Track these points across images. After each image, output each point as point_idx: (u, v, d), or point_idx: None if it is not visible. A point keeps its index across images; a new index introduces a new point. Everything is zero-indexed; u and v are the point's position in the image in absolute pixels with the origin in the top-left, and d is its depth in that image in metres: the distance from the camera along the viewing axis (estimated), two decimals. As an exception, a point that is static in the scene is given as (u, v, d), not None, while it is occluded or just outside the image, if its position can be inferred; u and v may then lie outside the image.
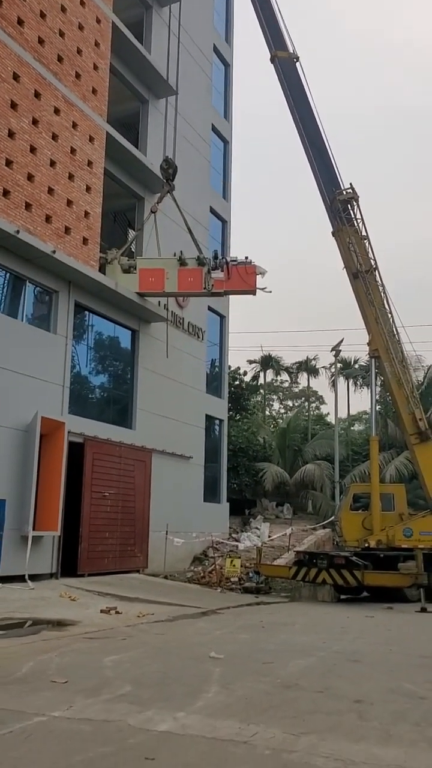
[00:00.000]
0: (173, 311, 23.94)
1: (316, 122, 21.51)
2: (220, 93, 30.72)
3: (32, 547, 16.27)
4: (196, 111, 27.19)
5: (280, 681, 8.21)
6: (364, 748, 5.66)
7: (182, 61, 24.81)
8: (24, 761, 5.19)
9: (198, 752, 5.49)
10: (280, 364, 55.34)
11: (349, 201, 21.14)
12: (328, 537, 28.80)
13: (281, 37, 22.14)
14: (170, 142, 22.84)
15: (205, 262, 20.78)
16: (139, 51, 22.69)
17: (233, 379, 37.53)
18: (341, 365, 44.06)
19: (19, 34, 17.20)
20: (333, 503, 33.31)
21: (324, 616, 15.88)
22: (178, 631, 12.72)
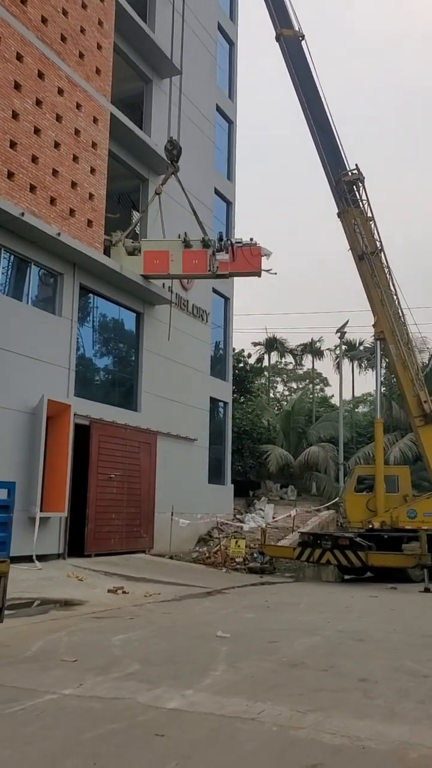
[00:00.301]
0: (177, 293, 23.94)
1: (321, 102, 21.34)
2: (225, 72, 30.47)
3: (40, 528, 16.44)
4: (201, 91, 26.99)
5: (286, 659, 8.33)
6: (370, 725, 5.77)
7: (186, 40, 24.56)
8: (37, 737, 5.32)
9: (206, 729, 5.61)
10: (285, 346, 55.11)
11: (354, 182, 21.03)
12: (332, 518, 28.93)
13: (287, 14, 21.89)
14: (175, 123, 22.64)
15: (210, 244, 20.73)
16: (143, 30, 22.52)
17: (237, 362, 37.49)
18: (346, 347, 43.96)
19: (23, 14, 17.08)
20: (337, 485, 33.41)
21: (328, 596, 16.02)
22: (185, 610, 12.88)
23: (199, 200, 23.73)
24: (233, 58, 31.22)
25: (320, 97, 21.29)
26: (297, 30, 21.60)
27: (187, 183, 22.12)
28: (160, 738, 5.29)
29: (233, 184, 30.62)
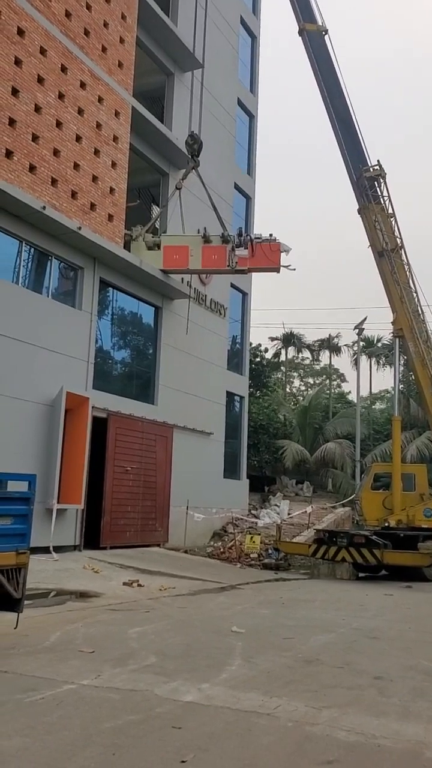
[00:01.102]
0: (196, 288, 23.95)
1: (344, 97, 21.20)
2: (247, 66, 30.34)
3: (57, 519, 16.54)
4: (222, 85, 26.92)
5: (302, 656, 8.36)
6: (384, 723, 5.80)
7: (208, 33, 24.49)
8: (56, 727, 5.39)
9: (223, 723, 5.65)
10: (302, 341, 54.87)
11: (375, 178, 20.91)
12: (347, 516, 28.86)
13: (310, 8, 21.73)
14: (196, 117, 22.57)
15: (229, 240, 20.70)
16: (166, 23, 22.47)
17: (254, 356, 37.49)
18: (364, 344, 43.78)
19: (47, 8, 17.12)
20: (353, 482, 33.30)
21: (343, 594, 15.98)
22: (200, 605, 12.90)
23: (218, 195, 23.69)
24: (255, 52, 31.04)
25: (343, 92, 21.16)
26: (320, 24, 21.44)
27: (207, 178, 22.10)
28: (177, 730, 5.34)
29: (253, 178, 30.54)
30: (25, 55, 16.33)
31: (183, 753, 4.87)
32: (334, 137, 21.51)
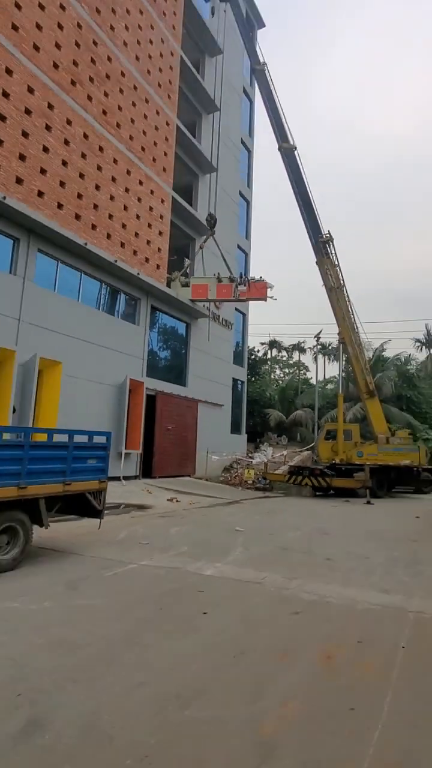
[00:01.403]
0: (212, 311, 23.79)
1: (308, 191, 20.73)
2: (245, 170, 29.82)
3: (124, 459, 16.65)
4: (229, 182, 26.55)
5: (280, 545, 8.42)
6: (332, 588, 5.85)
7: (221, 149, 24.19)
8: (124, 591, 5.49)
9: (230, 588, 5.73)
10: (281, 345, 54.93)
11: (327, 243, 20.59)
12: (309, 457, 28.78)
13: (284, 131, 21.29)
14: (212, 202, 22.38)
15: (234, 280, 20.56)
16: (193, 143, 22.20)
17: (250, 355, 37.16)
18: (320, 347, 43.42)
19: (117, 132, 16.96)
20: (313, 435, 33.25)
21: (306, 506, 16.02)
22: (215, 513, 12.99)
23: (227, 252, 23.40)
24: (251, 161, 30.42)
25: (307, 188, 20.69)
26: (291, 143, 20.98)
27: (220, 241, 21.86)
28: (201, 593, 5.42)
29: (249, 241, 30.11)
30: (103, 164, 16.21)
31: (204, 607, 4.95)
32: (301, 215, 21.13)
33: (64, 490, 6.79)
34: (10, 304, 13.06)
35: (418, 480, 21.22)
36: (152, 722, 2.97)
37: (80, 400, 15.03)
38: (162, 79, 19.83)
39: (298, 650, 4.05)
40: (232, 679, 3.52)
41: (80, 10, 15.49)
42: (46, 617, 4.52)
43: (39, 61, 13.86)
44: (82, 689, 3.30)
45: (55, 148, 14.32)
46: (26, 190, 13.32)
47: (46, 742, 2.75)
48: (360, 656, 3.99)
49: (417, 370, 40.24)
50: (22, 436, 6.64)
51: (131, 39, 17.99)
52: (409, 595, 5.65)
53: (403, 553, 8.11)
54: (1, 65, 12.70)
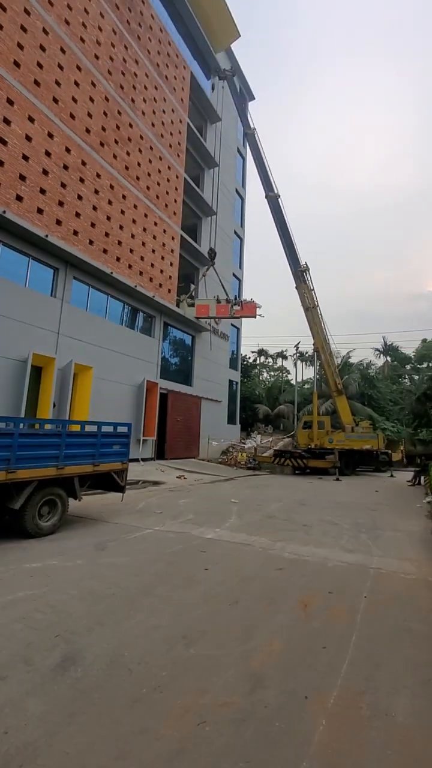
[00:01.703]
0: (212, 326, 23.73)
1: (289, 232, 20.64)
2: (239, 213, 29.72)
3: (142, 445, 16.58)
4: (226, 222, 26.47)
5: (266, 514, 8.37)
6: (308, 549, 5.79)
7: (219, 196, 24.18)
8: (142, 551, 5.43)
9: (227, 548, 5.68)
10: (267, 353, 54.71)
11: (304, 272, 20.53)
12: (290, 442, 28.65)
13: (270, 183, 21.21)
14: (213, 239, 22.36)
15: (230, 301, 20.48)
16: (197, 192, 22.11)
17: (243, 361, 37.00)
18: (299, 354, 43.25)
19: (137, 184, 16.91)
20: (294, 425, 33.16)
21: (288, 482, 15.98)
22: (215, 487, 12.95)
23: (224, 278, 23.31)
24: (243, 206, 30.32)
25: (288, 230, 20.60)
26: (276, 192, 20.91)
27: (219, 270, 21.80)
28: (203, 553, 5.39)
29: (242, 270, 30.08)
30: (125, 209, 16.16)
31: (206, 564, 4.92)
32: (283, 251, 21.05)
33: (93, 470, 6.76)
34: (51, 321, 13.03)
35: (377, 461, 21.20)
36: (164, 658, 2.94)
37: (107, 398, 14.99)
38: (173, 141, 19.78)
39: (281, 599, 4.02)
40: (228, 623, 3.50)
41: (107, 86, 15.46)
42: (79, 572, 4.49)
43: (74, 126, 13.82)
44: (108, 631, 3.28)
45: (87, 196, 14.28)
46: (64, 229, 13.29)
47: (78, 674, 2.72)
48: (331, 604, 3.96)
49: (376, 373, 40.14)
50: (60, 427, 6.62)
51: (148, 109, 17.96)
52: (370, 554, 5.62)
53: (365, 520, 8.07)
54: (44, 130, 12.67)
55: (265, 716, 2.41)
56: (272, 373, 57.65)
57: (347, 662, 2.97)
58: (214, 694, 2.58)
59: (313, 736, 2.28)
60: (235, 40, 25.63)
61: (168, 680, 2.69)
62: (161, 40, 19.19)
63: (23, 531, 5.74)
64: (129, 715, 2.38)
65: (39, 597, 3.82)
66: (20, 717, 2.34)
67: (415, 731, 2.34)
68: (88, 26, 14.70)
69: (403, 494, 13.08)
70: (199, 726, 2.31)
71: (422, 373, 37.30)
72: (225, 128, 26.44)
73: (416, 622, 3.63)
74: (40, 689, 2.57)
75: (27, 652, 2.95)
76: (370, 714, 2.46)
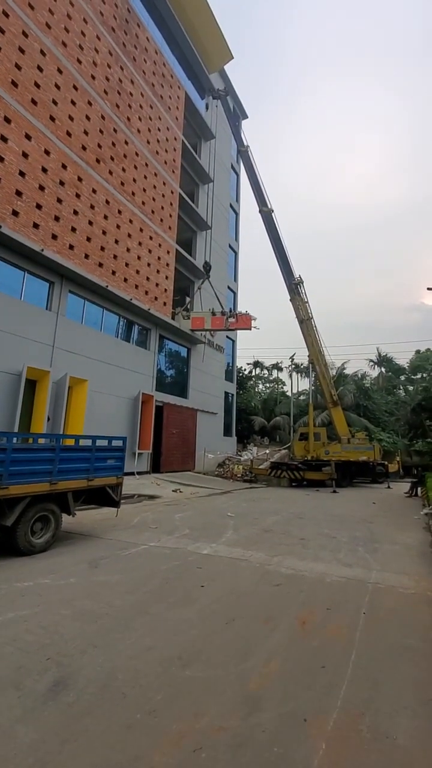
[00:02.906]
0: (208, 338, 23.82)
1: (283, 246, 20.94)
2: (233, 228, 30.13)
3: (138, 458, 16.45)
4: (221, 236, 26.82)
5: (263, 528, 8.28)
6: (305, 563, 5.73)
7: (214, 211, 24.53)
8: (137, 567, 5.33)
9: (223, 564, 5.59)
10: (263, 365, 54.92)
11: (298, 284, 20.76)
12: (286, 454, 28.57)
13: (264, 198, 21.59)
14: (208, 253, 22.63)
15: (225, 313, 20.61)
16: (192, 207, 22.42)
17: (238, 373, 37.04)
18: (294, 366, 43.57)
19: (132, 199, 17.13)
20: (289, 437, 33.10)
21: (284, 494, 15.87)
22: (211, 501, 12.82)
23: (219, 291, 23.53)
24: (237, 221, 30.74)
25: (282, 243, 20.87)
26: (270, 207, 21.24)
27: (213, 283, 22.01)
28: (199, 569, 5.29)
29: (237, 283, 30.35)
30: (121, 223, 16.32)
31: (202, 581, 4.83)
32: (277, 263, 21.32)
33: (87, 485, 6.67)
34: (46, 334, 13.01)
35: (374, 472, 21.15)
36: (159, 681, 2.86)
37: (102, 410, 14.92)
38: (167, 158, 20.14)
39: (279, 616, 3.95)
40: (224, 642, 3.42)
41: (104, 105, 15.78)
42: (71, 591, 4.39)
43: (71, 144, 14.04)
44: (101, 653, 3.19)
45: (83, 211, 14.44)
46: (60, 244, 13.38)
47: (70, 699, 2.64)
48: (329, 621, 3.89)
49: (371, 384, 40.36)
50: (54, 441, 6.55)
51: (144, 127, 18.31)
52: (368, 568, 5.56)
53: (362, 533, 8.00)
54: (41, 147, 12.86)
55: (263, 741, 2.34)
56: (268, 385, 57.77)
57: (347, 682, 2.91)
58: (211, 719, 2.50)
59: (313, 761, 2.21)
60: (229, 61, 26.34)
61: (163, 704, 2.62)
62: (156, 61, 19.69)
63: (15, 548, 5.62)
64: (123, 742, 2.30)
65: (30, 617, 3.73)
66: (10, 745, 2.26)
67: (416, 753, 2.28)
68: (85, 48, 15.06)
69: (400, 506, 13.01)
70: (194, 752, 2.24)
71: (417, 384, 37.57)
72: (219, 145, 27.00)
73: (416, 640, 3.58)
74: (31, 715, 2.48)
75: (17, 676, 2.86)
76: (370, 737, 2.40)
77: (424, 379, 38.03)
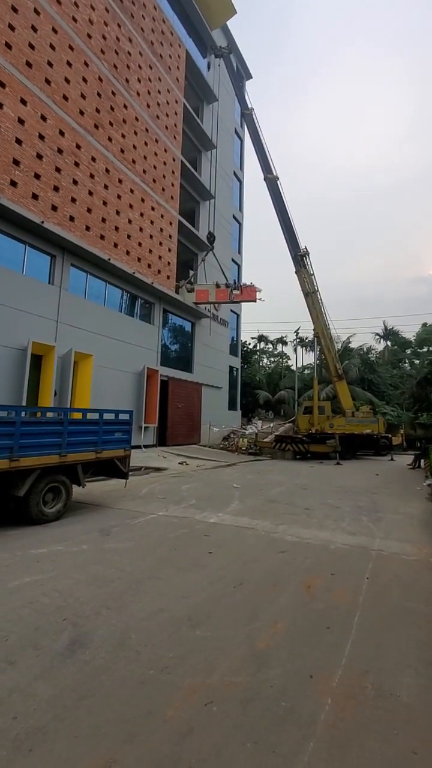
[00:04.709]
0: (212, 312, 23.52)
1: (288, 216, 20.27)
2: (237, 197, 29.16)
3: (144, 431, 16.61)
4: (225, 206, 26.01)
5: (268, 498, 8.39)
6: (310, 531, 5.82)
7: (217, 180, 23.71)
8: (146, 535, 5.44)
9: (230, 532, 5.70)
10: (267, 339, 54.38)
11: (304, 256, 20.23)
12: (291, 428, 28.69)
13: (269, 165, 20.74)
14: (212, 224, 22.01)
15: (229, 285, 20.21)
16: (195, 175, 21.63)
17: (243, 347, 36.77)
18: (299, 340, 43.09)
19: (133, 167, 16.53)
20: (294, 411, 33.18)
21: (289, 467, 16.03)
22: (217, 473, 12.96)
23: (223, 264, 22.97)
24: (242, 189, 29.67)
25: (288, 213, 20.19)
26: (275, 174, 20.44)
27: (217, 255, 21.51)
28: (206, 537, 5.41)
29: (241, 255, 29.66)
30: (122, 193, 15.82)
31: (210, 548, 4.93)
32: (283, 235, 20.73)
33: (96, 457, 6.75)
34: (49, 309, 12.89)
35: (377, 445, 21.26)
36: (170, 640, 2.96)
37: (108, 385, 14.95)
38: (168, 123, 19.28)
39: (285, 581, 4.04)
40: (232, 605, 3.51)
41: (101, 66, 14.98)
42: (84, 557, 4.51)
43: (68, 108, 13.43)
44: (115, 614, 3.30)
45: (83, 180, 13.98)
46: (60, 215, 13.04)
47: (86, 657, 2.74)
48: (333, 585, 3.98)
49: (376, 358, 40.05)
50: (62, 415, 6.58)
51: (143, 90, 17.45)
52: (372, 536, 5.65)
53: (366, 503, 8.11)
54: (37, 113, 12.32)
55: (271, 696, 2.43)
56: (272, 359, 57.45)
57: (351, 642, 2.99)
58: (221, 675, 2.60)
59: (319, 715, 2.29)
60: (232, 16, 24.74)
61: (175, 661, 2.71)
62: (155, 17, 18.52)
63: (28, 518, 5.76)
64: (137, 697, 2.40)
65: (45, 582, 3.84)
66: (29, 701, 2.36)
67: (420, 711, 2.36)
68: (80, 5, 14.16)
69: (403, 477, 13.13)
70: (206, 706, 2.33)
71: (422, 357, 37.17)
72: (222, 109, 25.74)
73: (418, 603, 3.66)
74: (49, 673, 2.59)
75: (35, 636, 2.97)
76: (374, 693, 2.48)
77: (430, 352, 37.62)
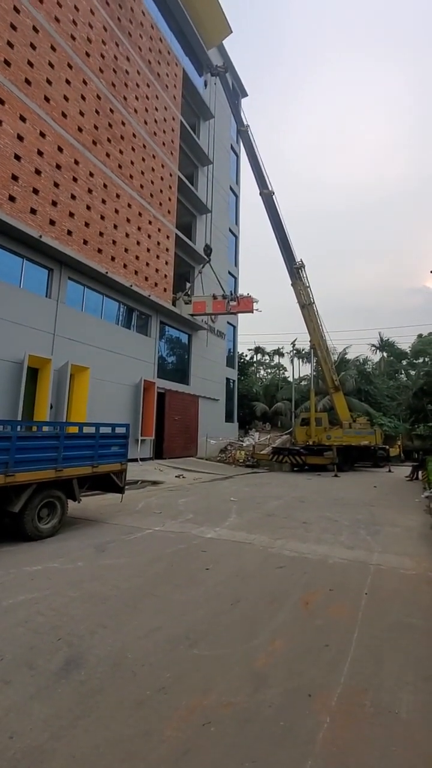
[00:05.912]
0: (209, 324, 23.68)
1: (284, 229, 20.53)
2: (233, 211, 29.62)
3: (140, 444, 16.54)
4: (221, 220, 26.41)
5: (266, 512, 8.36)
6: (308, 546, 5.80)
7: (213, 194, 24.10)
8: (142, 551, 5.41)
9: (227, 547, 5.67)
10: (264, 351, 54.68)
11: (299, 268, 20.49)
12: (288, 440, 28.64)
13: (264, 180, 21.11)
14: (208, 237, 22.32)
15: (226, 297, 20.42)
16: (192, 190, 22.02)
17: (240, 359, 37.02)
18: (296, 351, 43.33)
19: (130, 182, 16.82)
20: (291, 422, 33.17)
21: (286, 479, 15.97)
22: (214, 486, 12.90)
23: (220, 276, 23.25)
24: (238, 204, 30.15)
25: (283, 227, 20.47)
26: (270, 189, 20.78)
27: (214, 267, 21.78)
28: (203, 552, 5.38)
29: (238, 268, 29.99)
30: (119, 208, 16.06)
31: (207, 564, 4.91)
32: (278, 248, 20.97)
33: (92, 471, 6.74)
34: (46, 322, 12.96)
35: (375, 456, 21.29)
36: (167, 659, 2.95)
37: (105, 398, 14.95)
38: (166, 139, 19.70)
39: (283, 597, 4.03)
40: (230, 622, 3.50)
41: (99, 84, 15.36)
42: (79, 574, 4.48)
43: (66, 125, 13.73)
44: (110, 633, 3.28)
45: (81, 195, 14.20)
46: (58, 230, 13.21)
47: (81, 678, 2.72)
48: (332, 601, 3.97)
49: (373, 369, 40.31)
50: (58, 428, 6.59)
51: (141, 107, 17.86)
52: (370, 551, 5.65)
53: (364, 516, 8.10)
54: (36, 129, 12.58)
55: (269, 715, 2.42)
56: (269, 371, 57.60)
57: (350, 659, 2.99)
58: (219, 695, 2.58)
59: (318, 734, 2.29)
60: (227, 36, 25.51)
61: (172, 681, 2.70)
62: (152, 36, 19.08)
63: (23, 534, 5.72)
64: (134, 717, 2.38)
65: (40, 600, 3.82)
66: (25, 721, 2.34)
67: (419, 728, 2.36)
68: (79, 23, 14.59)
69: (401, 489, 13.13)
70: (203, 726, 2.32)
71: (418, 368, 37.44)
72: (218, 125, 26.38)
73: (417, 618, 3.66)
74: (45, 693, 2.57)
75: (30, 655, 2.95)
76: (373, 711, 2.48)
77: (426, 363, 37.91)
